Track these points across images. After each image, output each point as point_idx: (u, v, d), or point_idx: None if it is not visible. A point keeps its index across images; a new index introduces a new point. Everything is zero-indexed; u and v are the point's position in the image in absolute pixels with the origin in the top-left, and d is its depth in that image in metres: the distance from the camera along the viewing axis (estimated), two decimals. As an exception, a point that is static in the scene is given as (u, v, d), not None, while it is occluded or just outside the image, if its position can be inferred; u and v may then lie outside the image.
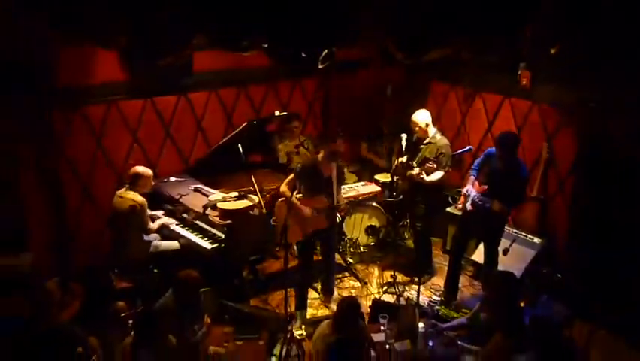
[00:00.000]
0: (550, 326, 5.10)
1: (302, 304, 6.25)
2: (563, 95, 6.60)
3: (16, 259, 5.36)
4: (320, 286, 6.72)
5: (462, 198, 6.30)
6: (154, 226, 6.22)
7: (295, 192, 5.91)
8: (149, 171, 6.11)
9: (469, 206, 6.15)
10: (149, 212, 6.20)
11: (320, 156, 6.02)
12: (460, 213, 6.71)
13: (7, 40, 5.54)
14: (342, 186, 6.78)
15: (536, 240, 6.76)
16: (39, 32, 5.68)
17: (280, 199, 6.16)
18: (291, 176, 6.08)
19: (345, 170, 7.03)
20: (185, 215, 6.49)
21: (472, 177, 6.29)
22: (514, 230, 6.93)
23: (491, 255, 6.28)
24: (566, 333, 5.24)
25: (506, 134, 6.04)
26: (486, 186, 6.02)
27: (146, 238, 6.16)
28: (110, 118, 6.71)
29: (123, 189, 6.02)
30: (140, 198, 5.94)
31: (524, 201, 6.48)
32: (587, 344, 5.23)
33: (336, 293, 6.65)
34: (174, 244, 6.28)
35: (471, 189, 6.18)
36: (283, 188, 6.06)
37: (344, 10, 5.28)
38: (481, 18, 4.75)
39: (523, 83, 6.92)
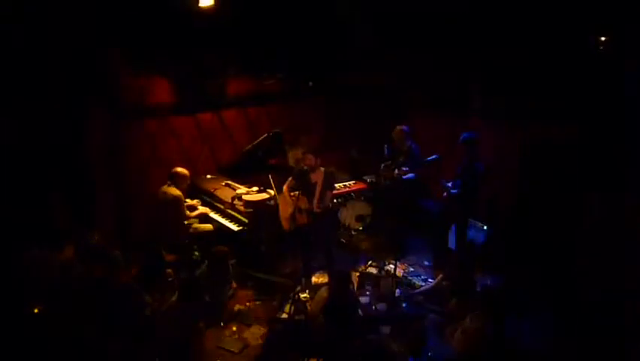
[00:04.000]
0: (496, 293, 5.17)
1: (306, 274, 6.30)
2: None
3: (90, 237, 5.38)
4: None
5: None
6: (193, 214, 6.23)
7: (293, 193, 5.79)
8: (185, 171, 6.06)
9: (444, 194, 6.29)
10: (188, 202, 6.23)
11: (306, 165, 5.86)
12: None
13: (90, 70, 5.62)
14: (336, 185, 6.71)
15: (485, 227, 6.79)
16: (113, 65, 5.77)
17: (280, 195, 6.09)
18: (290, 178, 6.03)
19: (332, 168, 6.91)
20: (218, 205, 6.52)
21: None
22: (470, 220, 6.95)
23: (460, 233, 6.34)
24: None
25: (468, 134, 6.06)
26: None
27: (185, 222, 6.17)
28: (161, 129, 6.76)
29: (165, 185, 5.99)
30: (177, 192, 5.90)
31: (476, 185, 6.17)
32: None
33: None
34: (209, 227, 6.31)
35: (444, 182, 6.31)
36: (284, 187, 6.01)
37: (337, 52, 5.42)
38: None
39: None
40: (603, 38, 5.73)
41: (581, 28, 5.63)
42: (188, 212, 6.17)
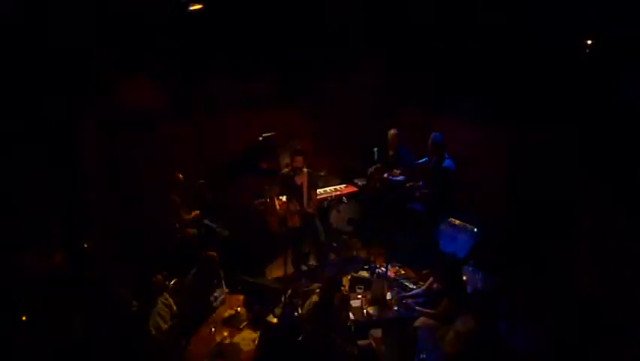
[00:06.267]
0: (488, 295, 5.16)
1: (297, 278, 6.22)
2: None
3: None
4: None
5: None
6: (188, 217, 6.18)
7: (281, 197, 5.86)
8: (182, 176, 6.08)
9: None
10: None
11: (291, 169, 5.94)
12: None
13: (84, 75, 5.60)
14: (323, 189, 6.81)
15: (475, 229, 6.78)
16: (107, 70, 5.74)
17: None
18: (276, 183, 6.06)
19: (323, 172, 6.90)
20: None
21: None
22: (460, 222, 6.93)
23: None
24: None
25: (436, 134, 6.18)
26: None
27: (178, 225, 6.12)
28: (155, 134, 6.71)
29: (165, 190, 5.99)
30: (174, 197, 5.91)
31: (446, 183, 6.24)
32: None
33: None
34: (201, 231, 6.24)
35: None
36: (271, 193, 6.03)
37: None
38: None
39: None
40: (590, 42, 5.76)
41: (570, 31, 5.66)
42: (186, 215, 6.13)
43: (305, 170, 5.95)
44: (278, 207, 5.75)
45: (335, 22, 7.04)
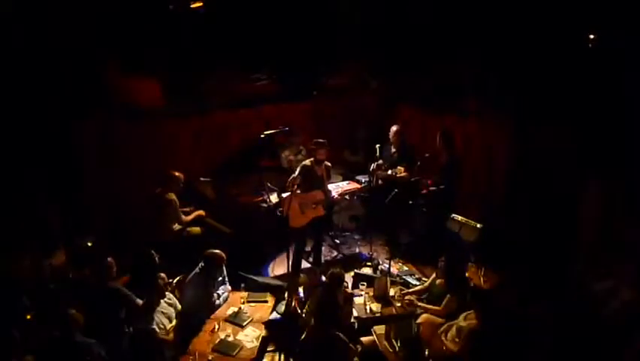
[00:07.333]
0: (490, 292, 5.17)
1: (297, 272, 6.21)
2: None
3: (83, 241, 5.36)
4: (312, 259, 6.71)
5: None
6: (189, 218, 6.18)
7: (296, 188, 5.90)
8: (179, 174, 6.05)
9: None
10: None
11: (312, 160, 6.08)
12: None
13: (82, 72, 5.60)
14: (332, 184, 6.82)
15: (479, 225, 6.77)
16: (104, 67, 5.75)
17: (286, 194, 6.12)
18: (293, 175, 6.09)
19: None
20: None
21: None
22: (463, 218, 6.92)
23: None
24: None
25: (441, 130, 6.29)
26: None
27: (178, 225, 6.11)
28: (153, 131, 6.71)
29: (160, 188, 5.95)
30: (171, 195, 5.90)
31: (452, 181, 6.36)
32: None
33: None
34: (197, 230, 6.20)
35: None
36: (291, 185, 6.05)
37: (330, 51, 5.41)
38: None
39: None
40: (592, 36, 5.75)
41: (573, 26, 5.66)
42: (184, 216, 6.12)
43: (325, 162, 6.17)
44: (303, 198, 5.85)
45: (335, 21, 7.05)
